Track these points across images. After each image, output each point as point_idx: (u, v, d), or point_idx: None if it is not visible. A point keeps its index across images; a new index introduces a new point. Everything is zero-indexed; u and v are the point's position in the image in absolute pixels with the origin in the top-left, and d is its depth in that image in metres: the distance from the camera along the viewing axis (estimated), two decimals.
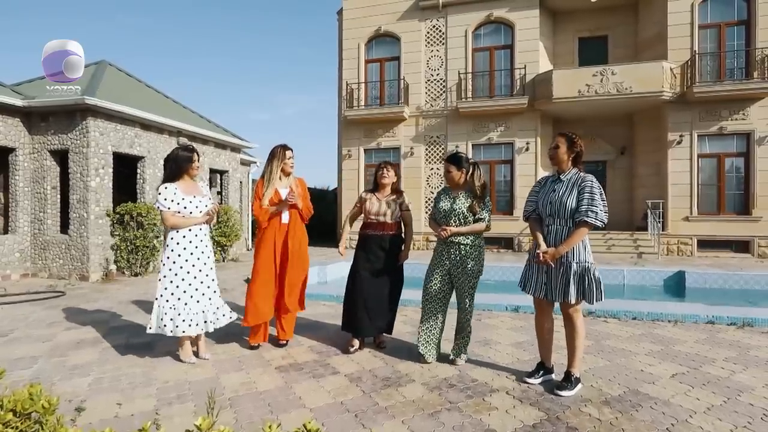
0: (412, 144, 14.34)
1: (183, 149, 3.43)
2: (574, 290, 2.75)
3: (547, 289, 2.88)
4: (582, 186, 2.76)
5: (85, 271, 7.52)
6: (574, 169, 2.88)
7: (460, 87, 13.82)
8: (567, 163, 2.87)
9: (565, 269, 2.78)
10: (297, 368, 3.24)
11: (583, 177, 2.80)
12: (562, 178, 2.88)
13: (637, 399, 2.70)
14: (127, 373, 3.16)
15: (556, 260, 2.78)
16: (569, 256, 2.76)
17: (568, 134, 2.88)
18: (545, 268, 2.87)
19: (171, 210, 3.31)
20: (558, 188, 2.86)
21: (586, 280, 2.76)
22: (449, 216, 3.27)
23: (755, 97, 11.55)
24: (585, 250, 2.79)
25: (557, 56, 14.15)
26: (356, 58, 14.84)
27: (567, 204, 2.77)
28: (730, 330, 4.34)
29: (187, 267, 3.32)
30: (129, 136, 8.19)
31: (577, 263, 2.76)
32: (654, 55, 12.65)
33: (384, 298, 3.65)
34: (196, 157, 3.44)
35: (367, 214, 3.74)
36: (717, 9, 12.13)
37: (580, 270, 2.76)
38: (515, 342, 3.94)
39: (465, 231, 3.21)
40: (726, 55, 12.00)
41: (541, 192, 2.98)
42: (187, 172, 3.41)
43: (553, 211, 2.84)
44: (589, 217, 2.69)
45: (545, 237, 2.89)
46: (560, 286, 2.80)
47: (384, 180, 3.75)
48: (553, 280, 2.83)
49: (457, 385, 2.92)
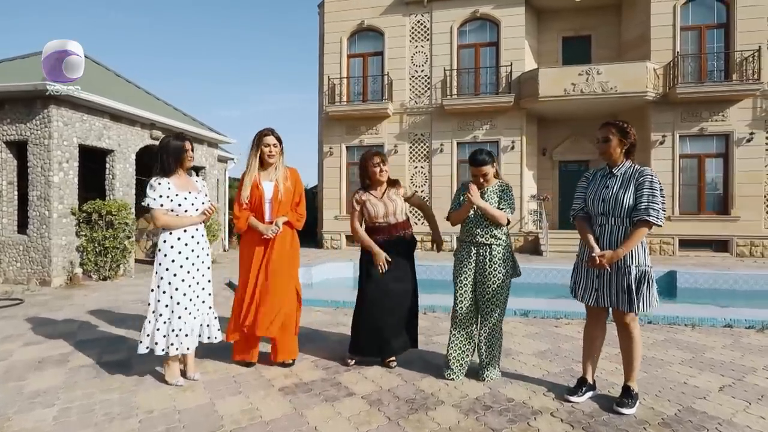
0: (396, 141, 13.99)
1: (175, 138, 2.95)
2: (635, 297, 2.43)
3: (598, 295, 2.56)
4: (641, 181, 2.45)
5: (47, 275, 6.81)
6: (627, 162, 2.57)
7: (445, 84, 13.56)
8: (620, 155, 2.56)
9: (623, 274, 2.46)
10: (304, 389, 2.81)
11: (641, 170, 2.49)
12: (615, 172, 2.57)
13: (697, 419, 2.41)
14: (102, 400, 2.66)
15: (612, 264, 2.46)
16: (627, 259, 2.44)
17: (618, 123, 2.56)
18: (597, 272, 2.55)
19: (163, 208, 2.83)
20: (611, 183, 2.54)
21: (644, 286, 2.46)
22: (478, 210, 2.91)
23: (734, 99, 11.75)
24: (644, 253, 2.48)
25: (541, 55, 14.08)
26: (338, 52, 14.38)
27: (623, 201, 2.46)
28: (751, 334, 4.16)
29: (182, 274, 2.84)
30: (97, 127, 7.49)
31: (637, 267, 2.45)
32: (637, 55, 12.71)
33: (405, 312, 3.19)
34: (189, 146, 2.96)
35: (372, 219, 3.22)
36: (698, 11, 12.29)
37: (639, 274, 2.45)
38: (537, 351, 3.62)
39: (490, 210, 2.82)
40: (707, 57, 12.17)
41: (591, 188, 2.65)
42: (182, 165, 2.93)
43: (607, 209, 2.51)
44: (650, 216, 2.38)
45: (597, 238, 2.56)
46: (617, 293, 2.48)
47: (382, 177, 3.22)
48: (607, 285, 2.52)
49: (493, 407, 2.56)
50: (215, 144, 10.67)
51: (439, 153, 13.58)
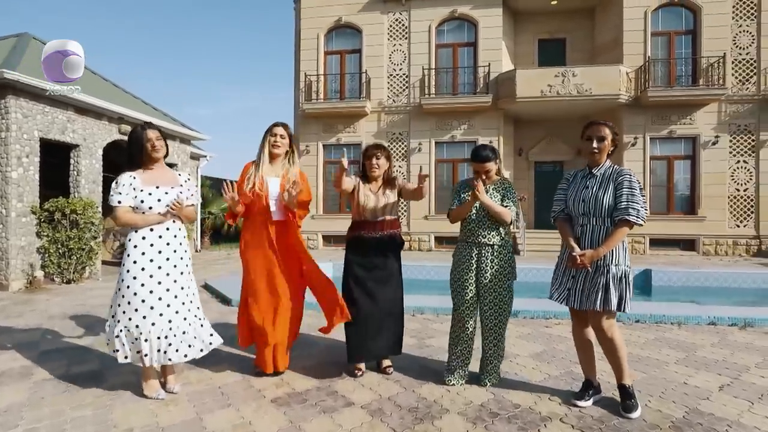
0: (374, 140, 13.81)
1: (140, 126, 2.70)
2: (615, 297, 2.39)
3: (569, 294, 2.53)
4: (620, 180, 2.43)
5: (4, 279, 6.32)
6: (607, 162, 2.55)
7: (424, 83, 13.52)
8: (605, 156, 2.53)
9: (600, 273, 2.42)
10: (299, 400, 2.63)
11: (620, 170, 2.48)
12: (595, 172, 2.54)
13: (707, 422, 2.37)
14: (74, 418, 2.40)
15: (591, 264, 2.43)
16: (607, 258, 2.41)
17: (609, 125, 2.53)
18: (573, 272, 2.51)
19: (123, 205, 2.58)
20: (591, 184, 2.52)
21: (624, 285, 2.42)
22: (480, 208, 2.80)
23: (701, 103, 12.18)
24: (624, 253, 2.45)
25: (518, 56, 14.23)
26: (315, 49, 14.11)
27: (603, 201, 2.43)
28: (735, 331, 4.23)
29: (142, 277, 2.55)
30: (61, 120, 7.02)
31: (616, 266, 2.42)
32: (610, 59, 13.00)
33: (391, 313, 3.03)
34: (153, 134, 2.67)
35: (360, 211, 3.06)
36: (667, 18, 12.69)
37: (619, 274, 2.42)
38: (533, 353, 3.55)
39: (495, 208, 2.70)
40: (676, 62, 12.58)
41: (571, 189, 2.62)
42: (149, 156, 2.67)
43: (587, 209, 2.48)
44: (630, 215, 2.35)
45: (578, 238, 2.52)
46: (591, 293, 2.43)
47: (374, 173, 3.07)
48: (581, 285, 2.48)
49: (500, 414, 2.45)
50: (188, 140, 10.24)
51: (417, 152, 13.52)
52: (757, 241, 12.03)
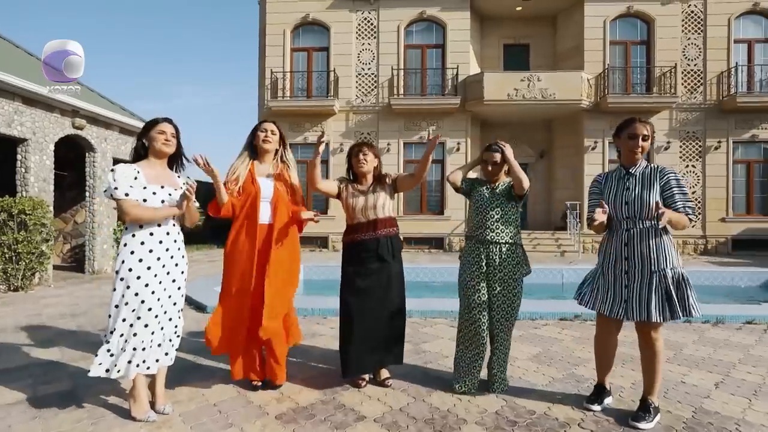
0: (342, 140, 13.63)
1: (158, 118, 2.46)
2: (677, 302, 2.28)
3: (627, 307, 2.37)
4: (667, 179, 2.36)
5: None
6: (644, 161, 2.50)
7: (393, 83, 13.47)
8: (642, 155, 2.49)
9: (659, 278, 2.30)
10: (306, 415, 2.46)
11: (662, 168, 2.41)
12: (633, 172, 2.46)
13: (717, 421, 2.42)
14: None
15: (642, 272, 2.34)
16: (661, 261, 2.31)
17: (650, 122, 2.50)
18: (626, 282, 2.38)
19: (131, 198, 2.32)
20: (631, 185, 2.43)
21: (686, 288, 2.31)
22: (490, 204, 2.74)
23: (654, 110, 12.86)
24: (677, 254, 2.36)
25: (484, 59, 14.48)
26: (281, 45, 13.74)
27: (649, 201, 2.34)
28: (710, 328, 4.42)
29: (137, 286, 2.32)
30: (6, 112, 6.38)
31: (672, 269, 2.31)
32: (571, 65, 13.49)
33: (391, 323, 2.87)
34: (168, 128, 2.44)
35: (351, 213, 2.91)
36: (624, 28, 13.32)
37: (677, 277, 2.32)
38: (531, 355, 3.55)
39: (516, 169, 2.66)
40: (632, 70, 13.22)
41: (606, 191, 2.51)
42: (156, 149, 2.43)
43: (632, 212, 2.38)
44: (690, 215, 2.31)
45: (626, 243, 2.40)
46: (653, 302, 2.30)
47: (362, 168, 2.92)
48: (637, 295, 2.34)
49: (518, 422, 2.39)
50: None
51: (386, 152, 13.44)
52: (704, 240, 12.85)
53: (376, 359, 2.85)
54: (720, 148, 12.89)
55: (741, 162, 13.04)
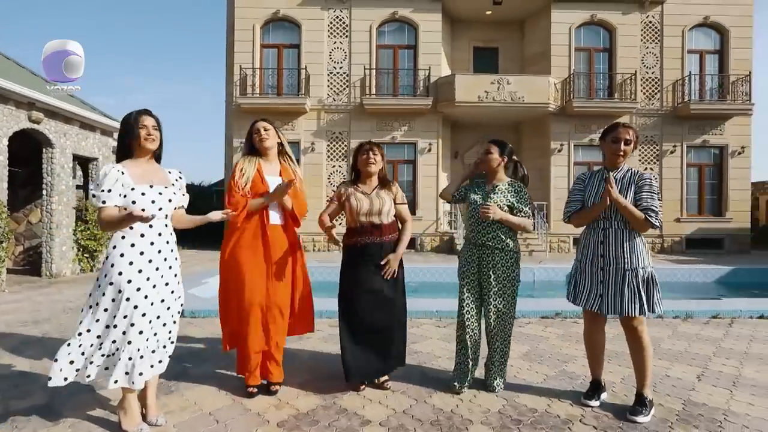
0: (313, 139, 13.46)
1: (135, 111, 2.30)
2: (645, 299, 2.46)
3: (602, 301, 2.53)
4: (642, 183, 2.50)
5: None
6: (626, 166, 2.62)
7: (365, 83, 13.42)
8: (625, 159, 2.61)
9: (633, 276, 2.47)
10: (308, 422, 2.39)
11: (641, 173, 2.56)
12: (615, 175, 2.58)
13: (707, 413, 2.53)
14: None
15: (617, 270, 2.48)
16: (634, 260, 2.47)
17: (634, 128, 2.60)
18: (601, 278, 2.54)
19: (109, 205, 2.17)
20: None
21: (652, 287, 2.50)
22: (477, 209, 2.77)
23: (616, 114, 13.43)
24: (648, 254, 2.53)
25: (455, 62, 14.67)
26: (251, 40, 13.41)
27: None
28: (680, 323, 4.65)
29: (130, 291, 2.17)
30: None
31: (643, 268, 2.48)
32: (538, 70, 13.89)
33: (393, 327, 2.83)
34: (149, 120, 2.29)
35: (354, 216, 2.83)
36: (588, 35, 13.85)
37: (647, 276, 2.48)
38: (521, 354, 3.60)
39: (514, 221, 2.71)
40: (595, 76, 13.75)
41: (588, 190, 2.64)
42: (139, 146, 2.28)
43: (609, 213, 2.53)
44: (651, 218, 2.43)
45: (601, 241, 2.54)
46: (626, 298, 2.45)
47: (371, 167, 2.87)
48: (612, 290, 2.49)
49: (522, 420, 2.42)
50: (110, 132, 9.15)
51: None
52: (661, 239, 13.55)
53: (379, 366, 2.80)
54: (675, 152, 13.63)
55: (694, 165, 13.84)
